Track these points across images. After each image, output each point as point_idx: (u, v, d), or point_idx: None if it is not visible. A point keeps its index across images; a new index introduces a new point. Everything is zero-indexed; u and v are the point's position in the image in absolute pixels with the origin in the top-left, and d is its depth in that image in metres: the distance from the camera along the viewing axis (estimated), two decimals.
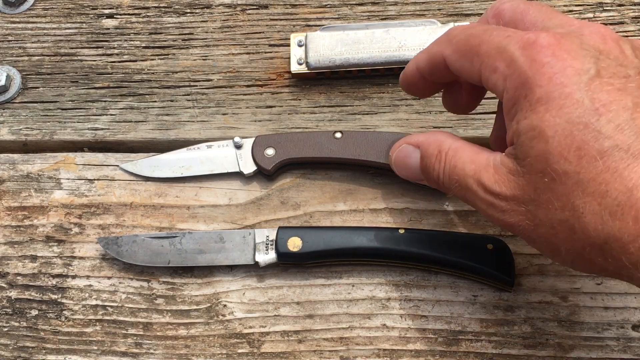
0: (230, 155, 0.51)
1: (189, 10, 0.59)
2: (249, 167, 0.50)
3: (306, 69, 0.53)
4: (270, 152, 0.50)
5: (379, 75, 0.54)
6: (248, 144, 0.51)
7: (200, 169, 0.51)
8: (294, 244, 0.46)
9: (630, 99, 0.33)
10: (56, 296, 0.48)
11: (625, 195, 0.32)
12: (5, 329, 0.47)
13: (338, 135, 0.50)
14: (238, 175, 0.51)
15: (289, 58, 0.54)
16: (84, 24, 0.59)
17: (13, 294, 0.48)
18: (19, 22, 0.60)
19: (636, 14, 0.55)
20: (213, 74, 0.56)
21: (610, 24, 0.55)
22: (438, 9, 0.57)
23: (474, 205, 0.38)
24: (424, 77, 0.42)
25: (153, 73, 0.56)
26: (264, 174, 0.51)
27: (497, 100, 0.41)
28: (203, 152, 0.51)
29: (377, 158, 0.49)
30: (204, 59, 0.57)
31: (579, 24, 0.37)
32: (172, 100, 0.55)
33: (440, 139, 0.41)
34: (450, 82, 0.43)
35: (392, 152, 0.45)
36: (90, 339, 0.46)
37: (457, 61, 0.39)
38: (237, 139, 0.50)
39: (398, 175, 0.46)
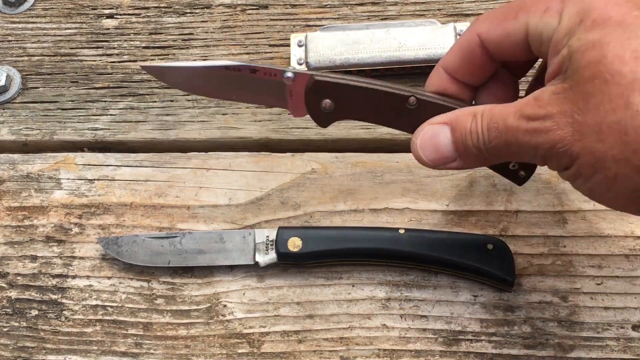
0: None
1: (189, 10, 0.59)
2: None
3: (306, 69, 0.53)
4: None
5: (379, 75, 0.54)
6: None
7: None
8: (294, 244, 0.46)
9: None
10: (56, 296, 0.48)
11: None
12: (5, 329, 0.47)
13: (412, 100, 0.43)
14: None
15: (289, 58, 0.54)
16: (84, 24, 0.59)
17: (13, 294, 0.48)
18: (19, 22, 0.60)
19: None
20: None
21: None
22: (438, 9, 0.57)
23: (515, 144, 0.38)
24: (453, 79, 0.42)
25: None
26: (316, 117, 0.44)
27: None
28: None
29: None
30: (204, 59, 0.56)
31: None
32: (172, 101, 0.55)
33: (470, 108, 0.40)
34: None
35: (414, 138, 0.42)
36: (90, 339, 0.46)
37: (496, 29, 0.39)
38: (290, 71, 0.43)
39: (423, 164, 0.42)
